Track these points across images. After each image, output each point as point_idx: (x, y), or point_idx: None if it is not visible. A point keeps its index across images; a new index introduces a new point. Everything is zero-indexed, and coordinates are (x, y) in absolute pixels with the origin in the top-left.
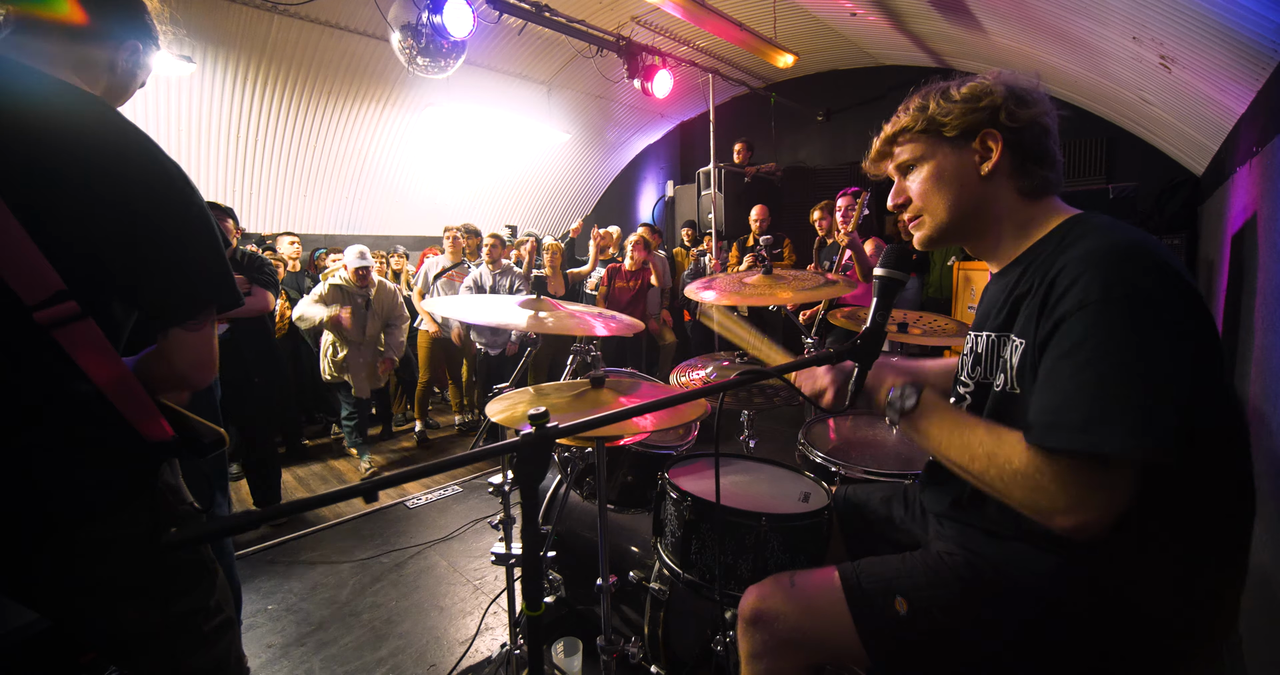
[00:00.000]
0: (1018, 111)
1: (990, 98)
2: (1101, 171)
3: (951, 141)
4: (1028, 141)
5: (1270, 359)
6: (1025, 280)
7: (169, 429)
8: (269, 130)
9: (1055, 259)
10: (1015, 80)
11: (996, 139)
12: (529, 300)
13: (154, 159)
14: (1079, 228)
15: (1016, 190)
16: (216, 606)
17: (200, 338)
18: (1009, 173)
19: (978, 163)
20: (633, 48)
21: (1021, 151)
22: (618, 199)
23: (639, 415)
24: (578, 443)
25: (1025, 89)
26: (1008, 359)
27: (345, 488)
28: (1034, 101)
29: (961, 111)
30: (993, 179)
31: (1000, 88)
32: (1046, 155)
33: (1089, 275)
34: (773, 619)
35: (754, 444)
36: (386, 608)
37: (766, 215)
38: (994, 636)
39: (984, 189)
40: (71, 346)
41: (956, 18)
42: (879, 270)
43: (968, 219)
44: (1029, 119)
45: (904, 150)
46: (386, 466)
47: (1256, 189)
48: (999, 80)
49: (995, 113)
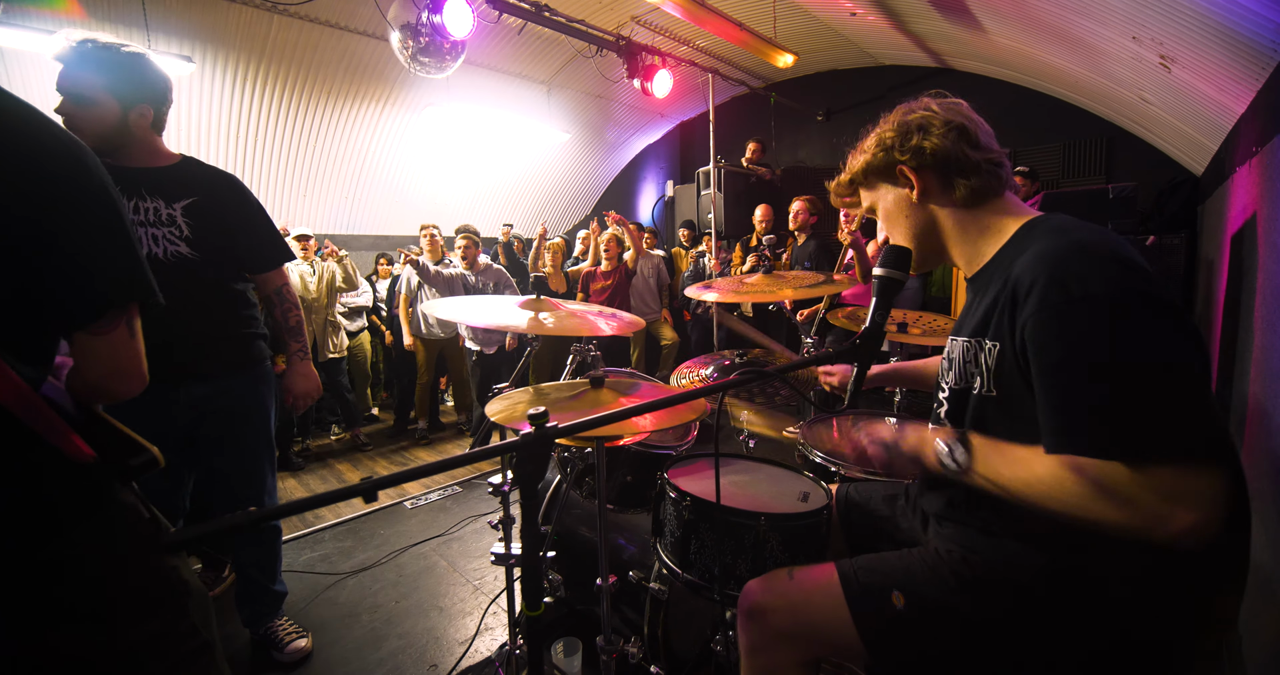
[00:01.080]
0: (908, 144)
1: (881, 141)
2: (1101, 171)
3: (884, 182)
4: (937, 160)
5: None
6: (992, 285)
7: (86, 449)
8: (269, 130)
9: (1015, 262)
10: (908, 114)
11: (908, 168)
12: (529, 300)
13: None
14: (1036, 230)
15: (954, 203)
16: (190, 630)
17: (109, 342)
18: (939, 190)
19: (909, 192)
20: (633, 47)
21: (937, 169)
22: (618, 199)
23: (639, 415)
24: (577, 443)
25: (915, 121)
26: (983, 362)
27: (345, 488)
28: (924, 127)
29: (868, 162)
30: (927, 200)
31: (890, 129)
32: (964, 164)
33: (1045, 277)
34: (771, 613)
35: (754, 444)
36: (386, 608)
37: (771, 215)
38: (990, 633)
39: (925, 212)
40: None
41: (956, 18)
42: (878, 270)
43: (927, 239)
44: (922, 145)
45: (863, 198)
46: (386, 466)
47: (1256, 189)
48: (893, 120)
49: (891, 152)
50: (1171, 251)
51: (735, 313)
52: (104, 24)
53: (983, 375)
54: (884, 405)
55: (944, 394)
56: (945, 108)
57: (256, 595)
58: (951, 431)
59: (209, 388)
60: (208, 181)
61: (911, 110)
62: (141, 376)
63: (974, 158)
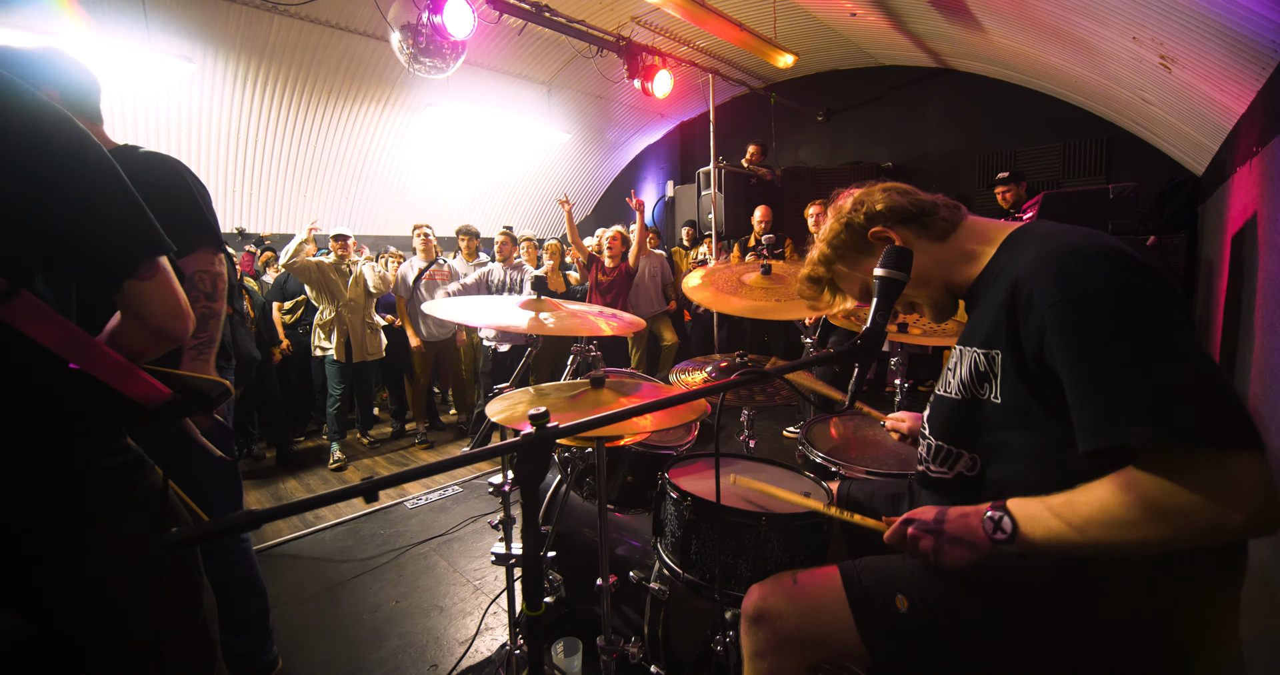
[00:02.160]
0: (865, 212)
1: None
2: (1101, 171)
3: (864, 255)
4: (897, 213)
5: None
6: (987, 295)
7: (162, 387)
8: (269, 130)
9: (1007, 272)
10: (842, 200)
11: (879, 228)
12: (529, 300)
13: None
14: (1025, 238)
15: (933, 241)
16: (203, 626)
17: (161, 283)
18: (917, 235)
19: None
20: (633, 48)
21: (903, 220)
22: (618, 199)
23: (639, 415)
24: (578, 443)
25: (856, 197)
26: (987, 370)
27: (345, 488)
28: (865, 200)
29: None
30: (913, 248)
31: (839, 215)
32: (921, 206)
33: (1041, 283)
34: (775, 617)
35: (754, 444)
36: (386, 608)
37: (770, 216)
38: (995, 635)
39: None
40: (25, 323)
41: (956, 18)
42: (879, 270)
43: (931, 286)
44: (876, 209)
45: (845, 287)
46: (386, 466)
47: (1256, 189)
48: (835, 209)
49: (853, 228)
50: (1171, 251)
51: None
52: (104, 24)
53: (991, 382)
54: (884, 405)
55: (930, 399)
56: (864, 188)
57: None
58: (989, 504)
59: None
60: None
61: (835, 202)
62: (191, 315)
63: (924, 200)
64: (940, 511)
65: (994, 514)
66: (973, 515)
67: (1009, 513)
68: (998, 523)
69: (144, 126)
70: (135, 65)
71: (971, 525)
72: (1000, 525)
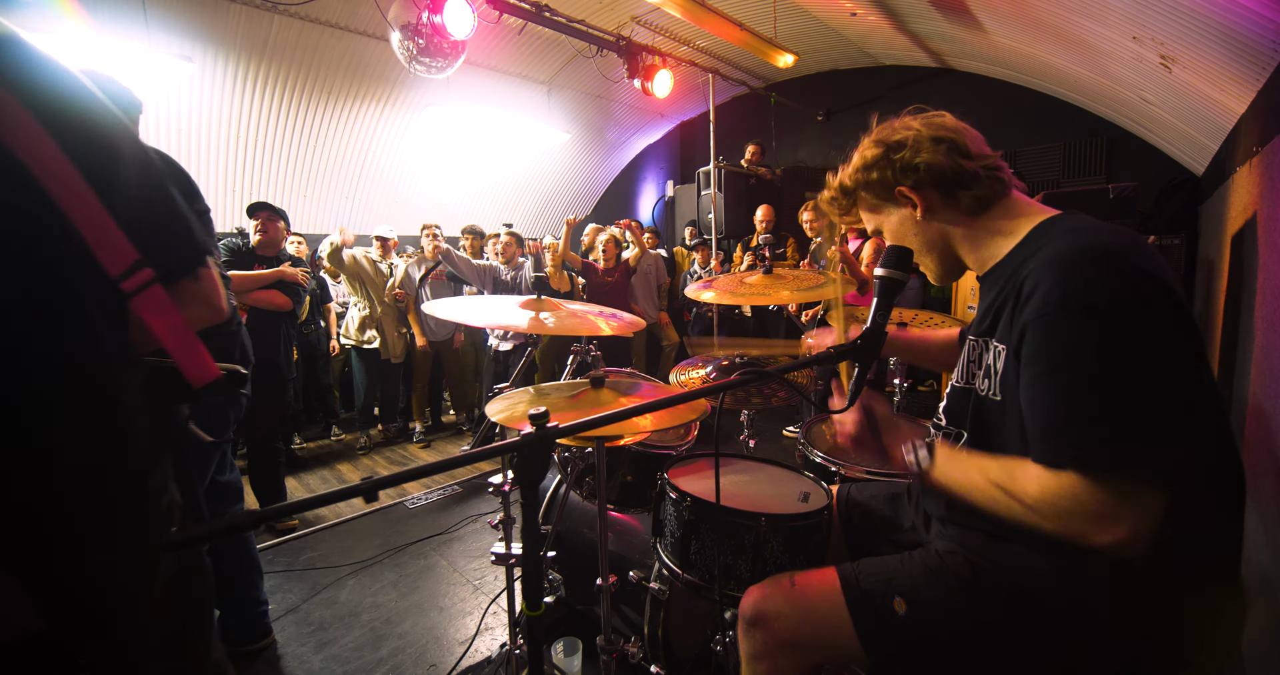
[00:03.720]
0: (902, 161)
1: (868, 163)
2: (1101, 171)
3: (884, 203)
4: (934, 177)
5: (1270, 359)
6: (1000, 284)
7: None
8: (269, 130)
9: (1025, 262)
10: (885, 134)
11: (906, 188)
12: (529, 300)
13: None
14: (1051, 231)
15: (960, 213)
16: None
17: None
18: (943, 204)
19: (913, 211)
20: (633, 48)
21: (936, 184)
22: (618, 199)
23: (639, 415)
24: (578, 443)
25: (897, 139)
26: (991, 364)
27: (345, 488)
28: (912, 146)
29: (859, 183)
30: (933, 216)
31: (872, 150)
32: (962, 176)
33: (1049, 282)
34: (773, 619)
35: (754, 444)
36: (386, 608)
37: (772, 215)
38: (993, 639)
39: (932, 227)
40: (148, 312)
41: (956, 18)
42: (879, 270)
43: (941, 253)
44: (915, 164)
45: (866, 221)
46: (386, 466)
47: (1256, 189)
48: (871, 142)
49: (884, 173)
50: (1171, 251)
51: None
52: (104, 24)
53: (991, 377)
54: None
55: (948, 389)
56: (928, 124)
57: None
58: (922, 434)
59: None
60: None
61: (894, 131)
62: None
63: (970, 167)
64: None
65: (917, 454)
66: (902, 444)
67: (931, 452)
68: (916, 452)
69: (144, 126)
70: (135, 65)
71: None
72: (917, 456)
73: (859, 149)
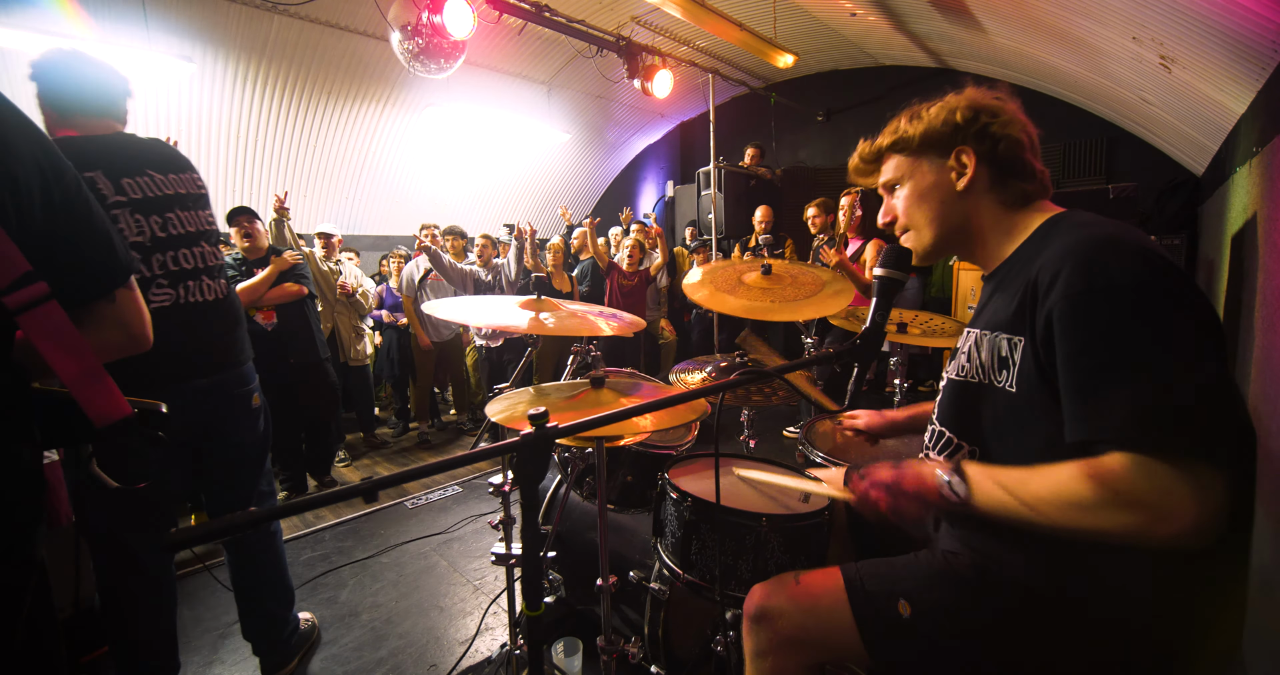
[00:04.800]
0: (987, 127)
1: (959, 113)
2: (1101, 171)
3: (929, 159)
4: (1002, 155)
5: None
6: (1014, 281)
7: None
8: (269, 130)
9: (1037, 256)
10: (983, 97)
11: (970, 154)
12: (529, 300)
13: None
14: (1060, 225)
15: (997, 202)
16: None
17: (135, 299)
18: (988, 186)
19: (954, 179)
20: (633, 48)
21: (997, 165)
22: (618, 199)
23: (639, 415)
24: (578, 443)
25: (994, 106)
26: (1009, 355)
27: (345, 488)
28: (1004, 116)
29: (930, 129)
30: (971, 193)
31: (967, 103)
32: (1024, 168)
33: (1069, 268)
34: (776, 618)
35: (754, 444)
36: (386, 608)
37: (771, 216)
38: (998, 640)
39: (963, 204)
40: (37, 333)
41: (956, 18)
42: (879, 270)
43: (952, 233)
44: (1000, 133)
45: (886, 169)
46: (387, 466)
47: (1256, 189)
48: (968, 97)
49: (965, 128)
50: (1172, 252)
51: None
52: (104, 24)
53: (1009, 369)
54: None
55: (942, 383)
56: (1020, 108)
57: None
58: (947, 463)
59: None
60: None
61: (986, 97)
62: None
63: (1033, 163)
64: (897, 470)
65: (949, 478)
66: (928, 477)
67: (964, 477)
68: (951, 484)
69: (144, 126)
70: (135, 65)
71: (926, 488)
72: (954, 488)
73: (945, 102)
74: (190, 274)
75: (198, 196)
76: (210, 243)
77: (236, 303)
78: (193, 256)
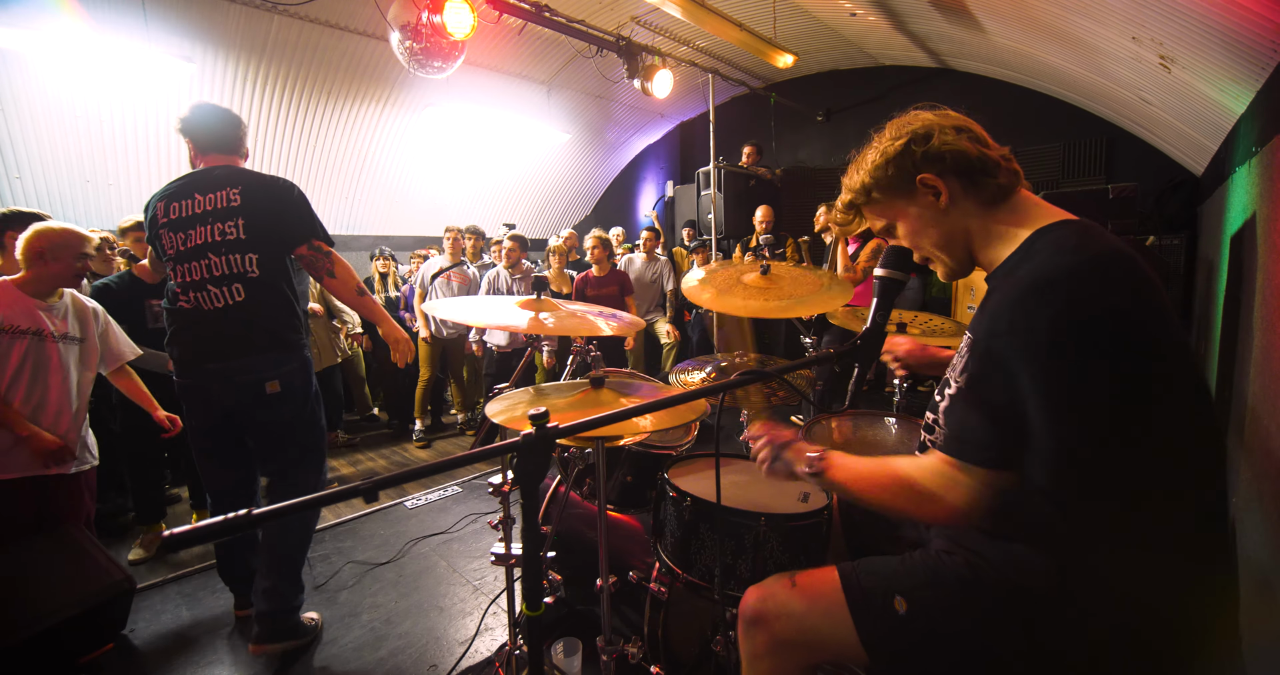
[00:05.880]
0: (926, 149)
1: (888, 154)
2: (1101, 171)
3: (901, 197)
4: (959, 162)
5: (1270, 359)
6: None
7: None
8: (269, 130)
9: (1018, 270)
10: (906, 126)
11: (932, 176)
12: (529, 300)
13: None
14: (1038, 244)
15: (980, 203)
16: None
17: None
18: (964, 193)
19: (934, 201)
20: (633, 48)
21: (960, 171)
22: (618, 199)
23: (639, 415)
24: (578, 443)
25: (922, 126)
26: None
27: (345, 488)
28: (936, 132)
29: (881, 177)
30: (955, 206)
31: (899, 141)
32: (984, 164)
33: (1010, 299)
34: (773, 619)
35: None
36: (386, 608)
37: (771, 216)
38: (993, 637)
39: (953, 218)
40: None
41: (956, 18)
42: (879, 270)
43: (958, 248)
44: (943, 150)
45: (870, 218)
46: (386, 466)
47: (1256, 189)
48: (894, 134)
49: (904, 163)
50: (1171, 252)
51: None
52: (104, 24)
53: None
54: (884, 406)
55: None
56: (943, 116)
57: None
58: (819, 449)
59: None
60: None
61: (908, 122)
62: None
63: (992, 155)
64: (794, 440)
65: (812, 457)
66: (805, 449)
67: (824, 459)
68: (812, 462)
69: (144, 126)
70: (135, 65)
71: (798, 459)
72: (813, 465)
73: (874, 146)
74: (196, 285)
75: (220, 211)
76: (218, 253)
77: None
78: (200, 269)
